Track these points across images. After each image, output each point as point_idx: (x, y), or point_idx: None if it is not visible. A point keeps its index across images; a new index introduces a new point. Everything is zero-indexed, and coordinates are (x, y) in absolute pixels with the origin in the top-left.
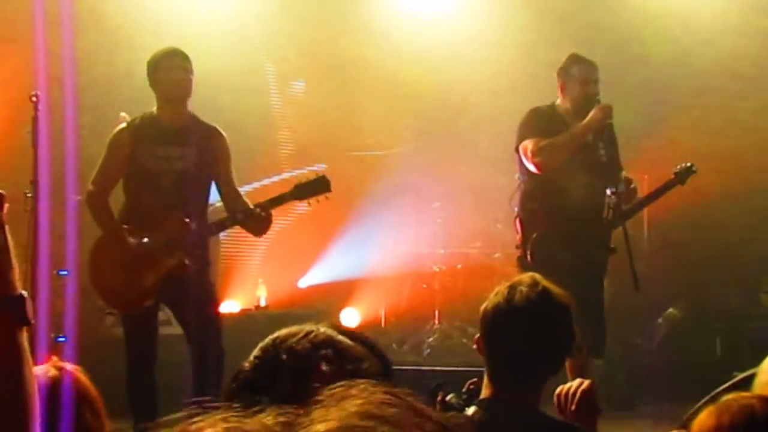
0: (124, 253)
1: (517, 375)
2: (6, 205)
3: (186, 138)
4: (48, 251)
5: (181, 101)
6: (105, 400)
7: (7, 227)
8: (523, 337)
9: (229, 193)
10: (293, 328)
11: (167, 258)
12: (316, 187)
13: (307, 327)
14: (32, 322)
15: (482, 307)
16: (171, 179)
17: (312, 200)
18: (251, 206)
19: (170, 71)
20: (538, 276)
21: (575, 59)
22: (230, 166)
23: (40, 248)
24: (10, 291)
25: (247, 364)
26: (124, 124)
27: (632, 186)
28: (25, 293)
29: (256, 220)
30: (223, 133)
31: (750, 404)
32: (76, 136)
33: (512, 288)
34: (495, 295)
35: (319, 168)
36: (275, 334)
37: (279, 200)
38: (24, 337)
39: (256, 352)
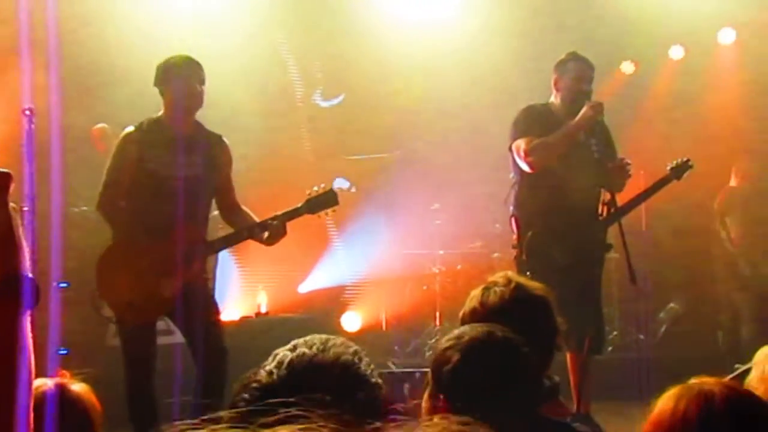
0: (139, 264)
1: None
2: (12, 185)
3: (193, 146)
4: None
5: (192, 112)
6: (106, 411)
7: (13, 206)
8: None
9: (230, 204)
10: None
11: (186, 268)
12: (327, 200)
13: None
14: (34, 305)
15: (460, 314)
16: (178, 186)
17: (321, 213)
18: (268, 219)
19: (186, 81)
20: (511, 273)
21: (573, 55)
22: (231, 175)
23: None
24: (14, 271)
25: (266, 375)
26: (131, 128)
27: (625, 161)
28: (29, 275)
29: (273, 234)
30: (227, 141)
31: (710, 391)
32: (61, 150)
33: (486, 290)
34: (470, 300)
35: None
36: (299, 349)
37: (293, 214)
38: (26, 322)
39: (275, 364)
